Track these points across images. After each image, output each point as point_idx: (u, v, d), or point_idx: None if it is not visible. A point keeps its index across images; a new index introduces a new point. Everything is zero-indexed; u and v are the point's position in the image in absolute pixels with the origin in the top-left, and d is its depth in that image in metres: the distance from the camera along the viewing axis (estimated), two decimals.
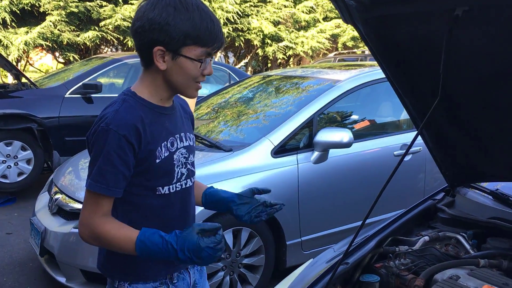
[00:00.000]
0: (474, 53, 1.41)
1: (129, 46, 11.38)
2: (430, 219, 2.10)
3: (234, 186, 3.05)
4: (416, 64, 1.61)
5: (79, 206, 3.10)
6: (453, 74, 1.45)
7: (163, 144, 1.40)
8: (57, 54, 11.96)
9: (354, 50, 13.35)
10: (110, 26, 10.52)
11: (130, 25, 9.64)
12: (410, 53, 1.58)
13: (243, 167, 3.15)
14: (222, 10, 11.79)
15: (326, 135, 3.28)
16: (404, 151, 3.65)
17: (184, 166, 1.48)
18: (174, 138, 1.45)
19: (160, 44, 1.31)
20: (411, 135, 3.86)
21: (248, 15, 12.73)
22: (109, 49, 13.46)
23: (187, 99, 1.56)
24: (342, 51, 13.49)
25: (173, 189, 1.44)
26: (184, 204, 1.50)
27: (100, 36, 10.52)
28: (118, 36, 10.97)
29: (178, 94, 1.48)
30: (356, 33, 14.79)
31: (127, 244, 1.30)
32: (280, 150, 3.29)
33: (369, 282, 1.69)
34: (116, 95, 5.49)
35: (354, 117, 4.07)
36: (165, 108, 1.44)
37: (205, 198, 1.65)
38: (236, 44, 13.03)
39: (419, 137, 1.95)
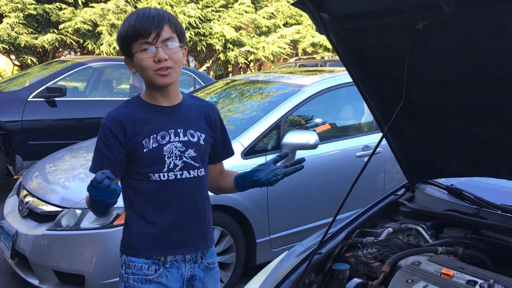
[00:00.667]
0: (433, 61, 1.59)
1: (89, 50, 11.23)
2: (393, 213, 2.29)
3: None
4: (382, 71, 1.78)
5: (50, 208, 3.12)
6: (415, 80, 1.64)
7: (151, 137, 1.60)
8: (13, 56, 11.64)
9: (313, 56, 13.66)
10: (69, 29, 10.35)
11: (90, 28, 9.51)
12: (376, 61, 1.75)
13: None
14: (184, 14, 11.83)
15: (293, 137, 3.44)
16: (366, 152, 3.91)
17: (178, 158, 1.62)
18: (167, 133, 1.62)
19: (123, 55, 1.60)
20: (372, 137, 4.07)
21: (210, 20, 12.81)
22: (68, 53, 13.21)
23: None
24: (302, 57, 13.78)
25: (164, 177, 1.61)
26: (180, 192, 1.63)
27: (60, 39, 10.34)
28: (78, 39, 10.81)
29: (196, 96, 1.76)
30: (315, 40, 15.15)
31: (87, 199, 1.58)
32: (249, 152, 3.42)
33: (340, 270, 1.85)
34: (80, 99, 5.48)
35: (318, 120, 4.25)
36: (164, 107, 1.64)
37: (236, 181, 1.78)
38: (198, 49, 13.08)
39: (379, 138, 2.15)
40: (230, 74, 16.08)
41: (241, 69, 15.82)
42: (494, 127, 1.74)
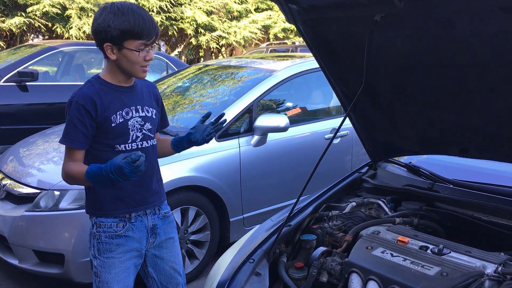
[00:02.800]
0: (390, 49, 1.76)
1: (58, 34, 11.05)
2: (357, 189, 2.47)
3: (182, 168, 3.29)
4: (344, 57, 1.94)
5: (28, 190, 3.19)
6: (374, 66, 1.80)
7: (118, 113, 1.86)
8: None
9: (285, 41, 13.78)
10: (38, 13, 10.15)
11: (59, 11, 9.34)
12: (340, 48, 1.91)
13: (190, 151, 3.33)
14: None
15: (265, 120, 3.59)
16: (333, 134, 4.08)
17: (139, 130, 1.92)
18: (129, 109, 1.90)
19: (107, 41, 1.78)
20: (340, 120, 4.24)
21: (181, 4, 12.74)
22: (36, 36, 12.94)
23: None
24: (273, 42, 13.87)
25: (129, 147, 1.90)
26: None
27: (27, 22, 10.14)
28: (46, 22, 10.62)
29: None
30: (286, 25, 15.25)
31: (81, 175, 1.75)
32: (223, 135, 3.56)
33: (308, 240, 2.01)
34: (51, 83, 5.47)
35: (289, 104, 4.41)
36: (124, 87, 1.90)
37: (173, 144, 2.12)
38: (169, 33, 13.01)
39: (348, 122, 2.32)
40: (202, 59, 16.03)
41: (213, 54, 15.82)
42: (444, 109, 1.93)
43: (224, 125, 2.11)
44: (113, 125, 1.85)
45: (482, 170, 2.42)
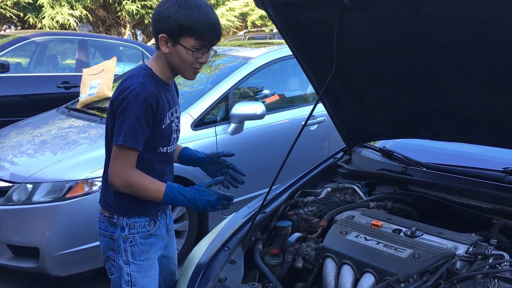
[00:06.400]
0: (359, 33, 1.75)
1: (31, 24, 10.79)
2: (332, 174, 2.48)
3: None
4: (315, 42, 1.93)
5: (0, 184, 3.12)
6: (344, 50, 1.79)
7: (167, 114, 1.74)
8: None
9: (263, 29, 13.72)
10: (8, 2, 9.89)
11: (30, 1, 9.09)
12: (310, 33, 1.90)
13: None
14: None
15: (241, 108, 3.57)
16: (311, 120, 4.09)
17: (176, 132, 1.83)
18: (174, 110, 1.79)
19: (163, 32, 1.62)
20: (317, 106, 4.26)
21: None
22: (8, 27, 12.62)
23: (104, 78, 1.83)
24: (251, 29, 13.80)
25: (169, 149, 1.81)
26: (171, 161, 1.88)
27: None
28: (18, 12, 10.36)
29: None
30: (264, 13, 15.16)
31: (157, 193, 1.66)
32: (199, 123, 3.53)
33: (283, 227, 2.01)
34: (24, 74, 5.35)
35: (266, 91, 4.39)
36: (168, 85, 1.77)
37: (181, 158, 2.03)
38: (146, 22, 12.82)
39: (324, 109, 2.32)
40: None
41: None
42: (416, 92, 1.93)
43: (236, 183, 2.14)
44: (163, 126, 1.71)
45: (454, 153, 2.46)
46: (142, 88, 1.62)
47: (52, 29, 10.19)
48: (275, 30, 11.78)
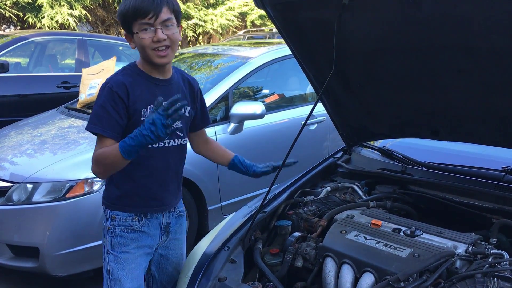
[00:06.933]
0: (359, 33, 1.76)
1: (30, 24, 10.78)
2: (332, 174, 2.48)
3: None
4: (315, 42, 1.93)
5: (1, 184, 3.12)
6: (344, 50, 1.80)
7: (149, 106, 1.71)
8: None
9: (262, 28, 13.71)
10: (8, 2, 9.88)
11: (30, 0, 9.08)
12: (309, 33, 1.90)
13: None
14: None
15: (240, 108, 3.57)
16: (311, 120, 4.09)
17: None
18: None
19: (124, 31, 1.69)
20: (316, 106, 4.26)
21: None
22: (8, 27, 12.61)
23: (103, 78, 1.84)
24: (251, 29, 13.79)
25: (155, 144, 1.71)
26: (166, 158, 1.82)
27: None
28: (17, 12, 10.35)
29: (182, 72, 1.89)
30: (264, 12, 15.14)
31: (115, 151, 1.58)
32: None
33: (283, 226, 2.02)
34: (23, 74, 5.36)
35: (265, 91, 4.39)
36: (158, 80, 1.77)
37: (234, 165, 2.07)
38: None
39: (324, 109, 2.32)
40: (179, 47, 15.85)
41: (190, 42, 15.64)
42: (415, 91, 1.94)
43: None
44: (142, 118, 1.70)
45: (453, 152, 2.46)
46: (110, 79, 1.70)
47: (52, 29, 10.18)
48: (274, 30, 11.78)
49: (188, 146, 1.99)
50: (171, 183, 1.90)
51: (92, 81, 4.39)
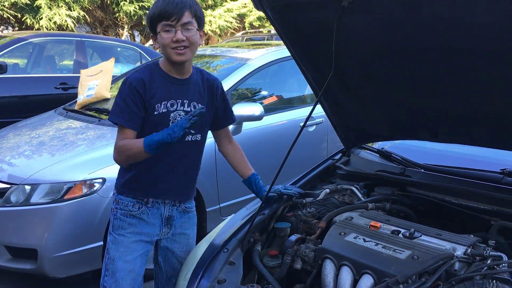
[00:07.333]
0: (358, 35, 1.76)
1: (28, 25, 10.76)
2: (331, 175, 2.48)
3: None
4: (314, 43, 1.94)
5: None
6: (343, 52, 1.80)
7: (163, 103, 1.88)
8: None
9: (260, 30, 13.73)
10: (6, 3, 9.86)
11: (28, 1, 9.07)
12: (309, 34, 1.90)
13: None
14: None
15: (239, 110, 3.57)
16: (309, 122, 4.09)
17: None
18: (175, 102, 1.90)
19: (151, 32, 1.87)
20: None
21: None
22: (6, 28, 12.59)
23: (102, 79, 1.91)
24: (249, 31, 13.80)
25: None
26: (174, 154, 1.94)
27: None
28: (16, 13, 10.33)
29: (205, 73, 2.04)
30: (262, 14, 15.16)
31: (139, 143, 1.76)
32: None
33: (282, 228, 2.02)
34: (22, 75, 5.35)
35: (264, 92, 4.39)
36: (176, 79, 1.92)
37: (249, 182, 2.25)
38: (143, 23, 12.81)
39: (322, 110, 2.32)
40: None
41: None
42: (414, 93, 1.94)
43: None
44: (155, 113, 1.86)
45: (452, 154, 2.46)
46: (131, 75, 1.87)
47: (50, 30, 10.17)
48: (273, 31, 11.80)
49: None
50: (179, 178, 2.00)
51: (91, 82, 4.39)
